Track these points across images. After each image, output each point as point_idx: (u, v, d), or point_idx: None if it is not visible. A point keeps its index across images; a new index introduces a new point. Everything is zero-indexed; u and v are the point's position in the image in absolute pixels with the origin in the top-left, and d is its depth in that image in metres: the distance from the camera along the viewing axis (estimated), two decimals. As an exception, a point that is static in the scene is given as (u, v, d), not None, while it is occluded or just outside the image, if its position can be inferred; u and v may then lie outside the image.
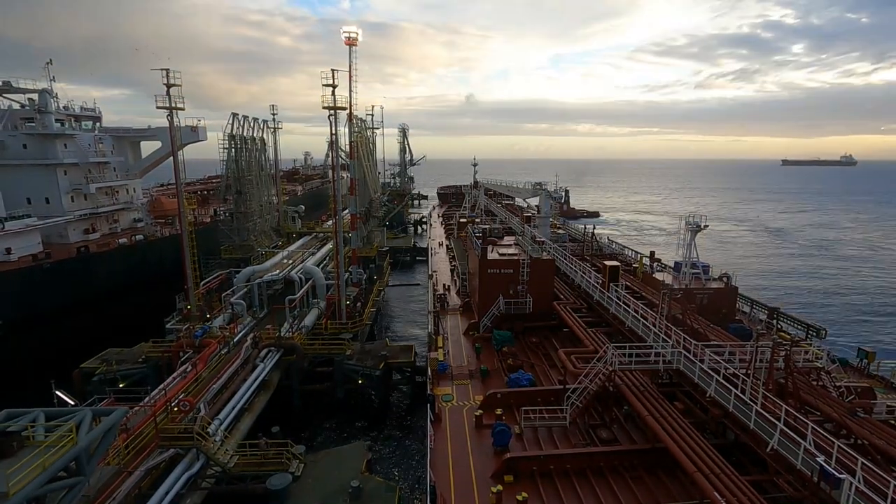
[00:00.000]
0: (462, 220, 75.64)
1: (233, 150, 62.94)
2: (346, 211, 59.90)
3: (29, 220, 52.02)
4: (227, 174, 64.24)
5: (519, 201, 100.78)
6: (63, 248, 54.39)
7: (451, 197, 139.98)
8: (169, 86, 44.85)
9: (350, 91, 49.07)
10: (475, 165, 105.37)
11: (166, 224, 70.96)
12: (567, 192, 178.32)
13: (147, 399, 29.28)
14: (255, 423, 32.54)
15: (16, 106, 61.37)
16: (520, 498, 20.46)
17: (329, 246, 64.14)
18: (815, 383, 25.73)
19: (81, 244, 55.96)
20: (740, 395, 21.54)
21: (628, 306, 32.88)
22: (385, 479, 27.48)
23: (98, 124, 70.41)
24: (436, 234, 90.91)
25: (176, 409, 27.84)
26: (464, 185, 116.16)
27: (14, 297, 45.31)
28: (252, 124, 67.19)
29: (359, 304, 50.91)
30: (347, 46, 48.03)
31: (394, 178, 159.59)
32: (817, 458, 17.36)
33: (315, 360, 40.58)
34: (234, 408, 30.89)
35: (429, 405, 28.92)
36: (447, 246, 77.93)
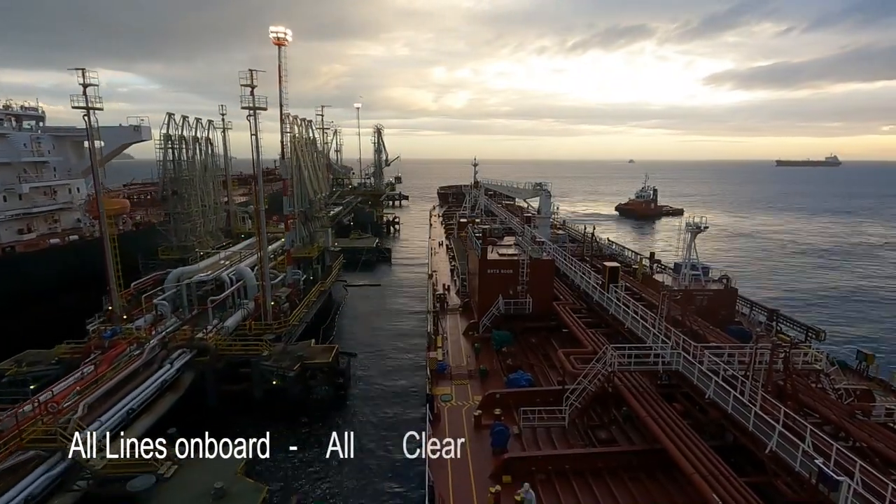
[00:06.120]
0: (462, 220, 75.72)
1: (168, 150, 61.48)
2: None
3: (-49, 220, 51.42)
4: (164, 175, 62.78)
5: (519, 201, 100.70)
6: None
7: (451, 197, 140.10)
8: (85, 86, 43.28)
9: (280, 91, 48.77)
10: (475, 166, 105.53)
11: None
12: (655, 190, 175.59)
13: (27, 401, 29.38)
14: (161, 424, 32.38)
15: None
16: (518, 498, 20.71)
17: (276, 244, 63.30)
18: (813, 385, 26.50)
19: (8, 244, 55.20)
20: (739, 396, 22.25)
21: (628, 307, 33.56)
22: (257, 481, 27.73)
23: (41, 123, 69.37)
24: (436, 234, 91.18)
25: (42, 411, 27.96)
26: (464, 185, 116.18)
27: None
28: (193, 124, 65.77)
29: (286, 304, 50.48)
30: (276, 46, 47.05)
31: (369, 178, 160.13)
32: (816, 461, 17.84)
33: (232, 361, 40.58)
34: (123, 408, 31.54)
35: (427, 405, 29.01)
36: (447, 246, 78.15)
